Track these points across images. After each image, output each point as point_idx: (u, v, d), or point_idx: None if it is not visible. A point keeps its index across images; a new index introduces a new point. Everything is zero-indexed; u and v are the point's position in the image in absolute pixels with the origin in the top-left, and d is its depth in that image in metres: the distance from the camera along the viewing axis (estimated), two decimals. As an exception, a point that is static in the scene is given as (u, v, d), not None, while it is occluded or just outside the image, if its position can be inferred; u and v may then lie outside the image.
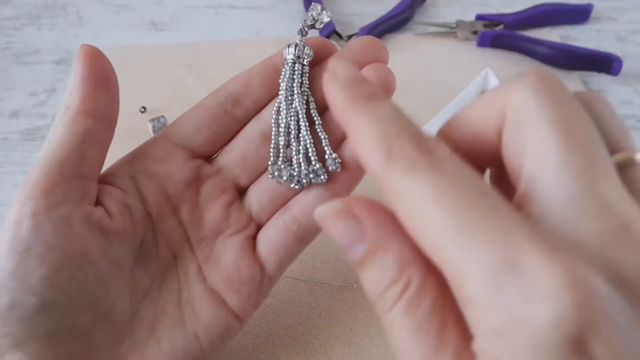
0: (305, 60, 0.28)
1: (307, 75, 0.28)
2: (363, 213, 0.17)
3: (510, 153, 0.17)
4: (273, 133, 0.28)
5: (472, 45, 0.53)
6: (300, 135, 0.28)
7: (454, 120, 0.20)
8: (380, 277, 0.17)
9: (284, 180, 0.28)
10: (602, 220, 0.15)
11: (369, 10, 0.57)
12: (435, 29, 0.55)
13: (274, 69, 0.28)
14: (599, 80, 0.50)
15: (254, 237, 0.29)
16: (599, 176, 0.15)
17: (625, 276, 0.14)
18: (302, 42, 0.28)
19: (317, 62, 0.29)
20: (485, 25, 0.53)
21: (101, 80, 0.26)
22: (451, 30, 0.54)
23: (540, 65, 0.50)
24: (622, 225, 0.15)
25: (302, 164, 0.28)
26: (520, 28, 0.54)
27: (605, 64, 0.47)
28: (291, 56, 0.28)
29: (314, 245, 0.37)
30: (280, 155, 0.28)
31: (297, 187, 0.28)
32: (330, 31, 0.51)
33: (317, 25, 0.29)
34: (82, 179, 0.25)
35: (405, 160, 0.15)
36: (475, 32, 0.53)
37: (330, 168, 0.28)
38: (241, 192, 0.30)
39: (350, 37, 0.52)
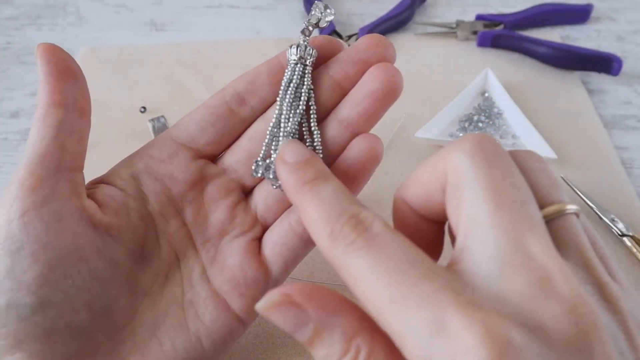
0: (308, 61, 0.28)
1: (310, 75, 0.28)
2: (302, 299, 0.18)
3: (451, 211, 0.19)
4: (268, 133, 0.28)
5: (472, 45, 0.53)
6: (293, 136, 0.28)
7: (408, 181, 0.22)
8: (330, 352, 0.18)
9: (262, 176, 0.27)
10: (525, 273, 0.16)
11: (369, 10, 0.57)
12: (435, 29, 0.55)
13: (279, 67, 0.28)
14: (598, 80, 0.50)
15: (259, 239, 0.28)
16: (525, 232, 0.17)
17: (542, 325, 0.16)
18: (305, 43, 0.28)
19: (324, 60, 0.28)
20: (485, 25, 0.53)
21: (63, 71, 0.26)
22: (451, 30, 0.54)
23: (540, 65, 0.50)
24: (543, 277, 0.16)
25: None
26: (520, 28, 0.54)
27: (605, 64, 0.47)
28: (294, 57, 0.28)
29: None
30: (272, 156, 0.28)
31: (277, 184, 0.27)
32: (330, 31, 0.51)
33: (321, 24, 0.29)
34: (67, 171, 0.24)
35: (345, 239, 0.18)
36: (475, 32, 0.53)
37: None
38: (247, 192, 0.29)
39: (350, 37, 0.52)
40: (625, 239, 0.37)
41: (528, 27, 0.55)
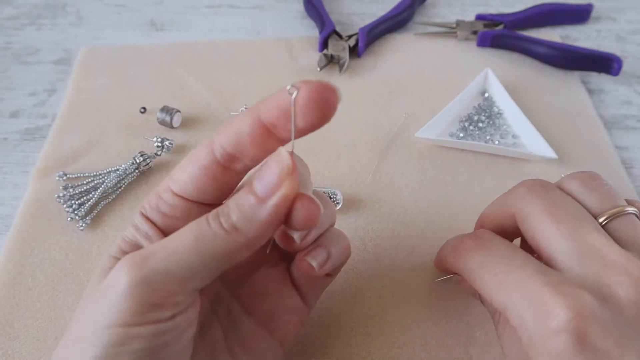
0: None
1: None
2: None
3: (528, 236, 0.27)
4: None
5: (472, 45, 0.53)
6: None
7: (483, 218, 0.31)
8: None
9: None
10: (593, 260, 0.23)
11: (369, 10, 0.57)
12: (435, 29, 0.55)
13: (260, 127, 0.24)
14: (598, 80, 0.50)
15: (288, 269, 0.30)
16: (584, 233, 0.24)
17: (614, 294, 0.22)
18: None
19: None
20: (485, 25, 0.53)
21: None
22: (451, 30, 0.54)
23: (541, 65, 0.50)
24: (608, 260, 0.23)
25: None
26: (520, 28, 0.54)
27: (605, 63, 0.47)
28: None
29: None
30: None
31: None
32: (330, 31, 0.51)
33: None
34: None
35: (467, 248, 0.28)
36: (475, 32, 0.53)
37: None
38: None
39: (350, 37, 0.52)
40: (625, 238, 0.37)
41: (528, 27, 0.55)
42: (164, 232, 0.25)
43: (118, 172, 0.40)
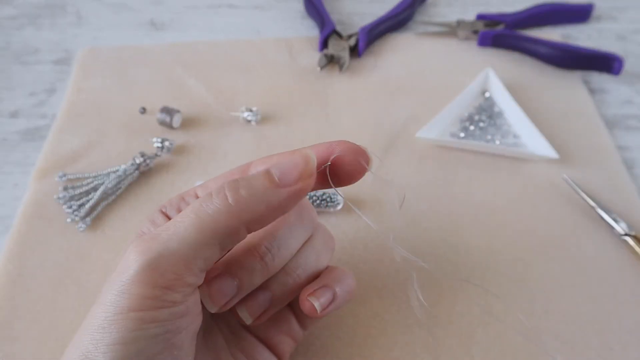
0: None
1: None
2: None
3: None
4: None
5: (472, 45, 0.53)
6: None
7: None
8: None
9: None
10: None
11: (370, 9, 0.57)
12: (435, 29, 0.54)
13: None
14: (599, 80, 0.50)
15: None
16: None
17: None
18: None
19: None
20: (486, 25, 0.53)
21: None
22: (452, 30, 0.53)
23: (541, 64, 0.50)
24: None
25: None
26: (521, 27, 0.54)
27: (606, 63, 0.47)
28: None
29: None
30: None
31: None
32: (331, 31, 0.51)
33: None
34: None
35: None
36: (476, 32, 0.52)
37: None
38: None
39: (350, 36, 0.51)
40: (627, 238, 0.37)
41: (529, 27, 0.54)
42: None
43: (118, 173, 0.40)
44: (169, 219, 0.26)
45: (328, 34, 0.51)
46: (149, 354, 0.22)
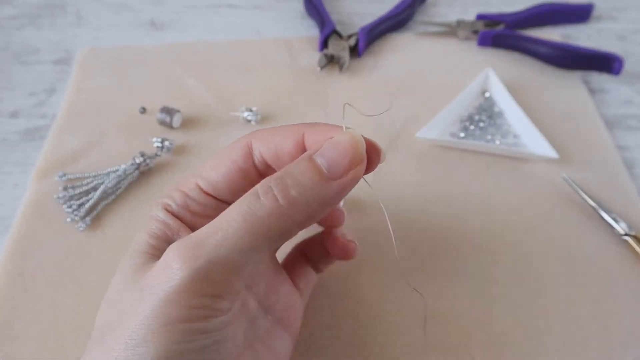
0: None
1: None
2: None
3: None
4: None
5: (472, 45, 0.53)
6: None
7: None
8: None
9: None
10: None
11: (370, 9, 0.57)
12: (435, 29, 0.54)
13: (303, 150, 0.24)
14: (600, 80, 0.50)
15: (283, 266, 0.31)
16: None
17: None
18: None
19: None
20: (486, 25, 0.53)
21: None
22: (452, 30, 0.53)
23: (541, 64, 0.50)
24: None
25: None
26: (521, 27, 0.54)
27: (607, 63, 0.47)
28: None
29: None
30: None
31: None
32: (331, 31, 0.51)
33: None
34: None
35: None
36: (476, 32, 0.52)
37: None
38: None
39: (350, 36, 0.51)
40: (627, 238, 0.37)
41: (529, 27, 0.54)
42: (193, 230, 0.24)
43: (118, 173, 0.40)
44: (180, 219, 0.24)
45: (328, 34, 0.51)
46: None
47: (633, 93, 0.49)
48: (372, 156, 0.23)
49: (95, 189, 0.40)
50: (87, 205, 0.39)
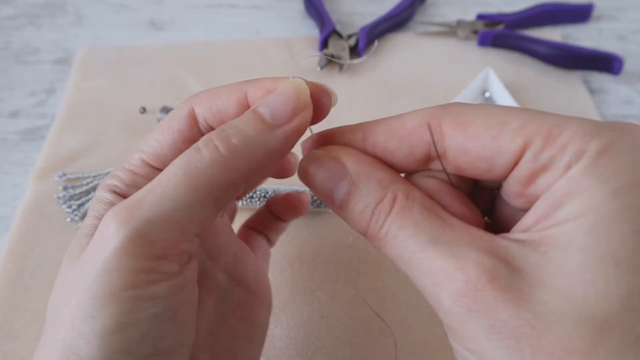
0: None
1: None
2: (340, 154, 0.20)
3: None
4: None
5: (472, 45, 0.53)
6: None
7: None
8: (368, 201, 0.19)
9: None
10: None
11: (370, 9, 0.57)
12: (435, 29, 0.54)
13: (246, 108, 0.22)
14: (600, 80, 0.50)
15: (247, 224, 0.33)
16: None
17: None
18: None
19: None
20: (486, 25, 0.53)
21: None
22: (452, 30, 0.53)
23: (541, 64, 0.50)
24: None
25: None
26: (521, 27, 0.54)
27: (607, 63, 0.47)
28: None
29: (315, 247, 0.37)
30: None
31: None
32: (331, 31, 0.51)
33: None
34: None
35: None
36: (476, 32, 0.52)
37: None
38: None
39: (350, 36, 0.51)
40: (627, 238, 0.37)
41: (529, 27, 0.54)
42: None
43: (118, 173, 0.40)
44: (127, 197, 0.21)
45: (328, 34, 0.51)
46: (152, 339, 0.19)
47: (633, 93, 0.49)
48: (323, 101, 0.23)
49: (95, 189, 0.40)
50: (86, 205, 0.39)
